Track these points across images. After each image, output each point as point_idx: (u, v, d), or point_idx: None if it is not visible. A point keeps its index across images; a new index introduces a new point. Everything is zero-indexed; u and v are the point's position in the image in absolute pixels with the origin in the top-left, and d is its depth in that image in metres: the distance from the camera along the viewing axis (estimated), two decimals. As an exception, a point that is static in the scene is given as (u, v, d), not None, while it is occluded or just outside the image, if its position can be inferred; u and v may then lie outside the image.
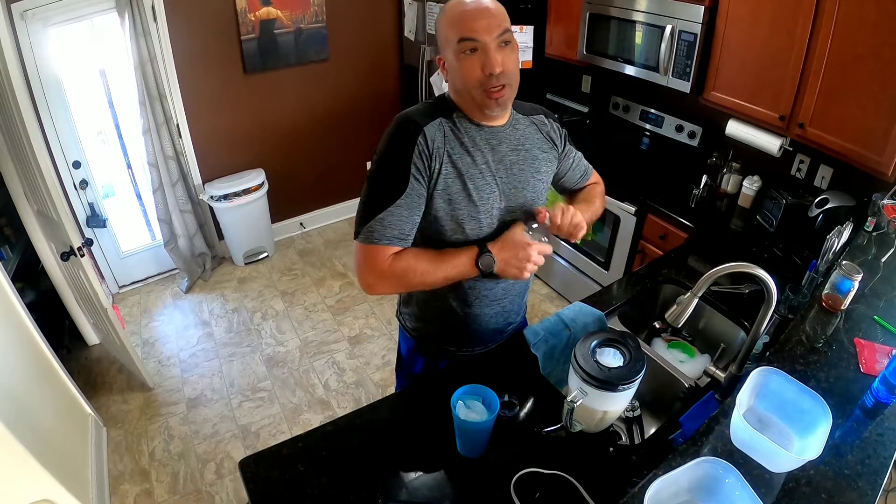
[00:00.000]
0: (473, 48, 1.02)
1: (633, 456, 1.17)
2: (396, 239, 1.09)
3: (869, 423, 1.07)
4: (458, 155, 1.10)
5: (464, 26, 1.02)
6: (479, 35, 1.01)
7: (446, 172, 1.09)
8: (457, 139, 1.11)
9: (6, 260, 2.41)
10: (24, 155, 2.00)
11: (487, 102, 1.06)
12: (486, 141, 1.14)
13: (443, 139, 1.09)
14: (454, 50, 1.04)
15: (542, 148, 1.23)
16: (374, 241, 1.09)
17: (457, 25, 1.03)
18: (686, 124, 2.64)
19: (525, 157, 1.19)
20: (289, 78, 3.33)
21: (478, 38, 1.01)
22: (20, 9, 2.43)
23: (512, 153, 1.17)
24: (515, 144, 1.18)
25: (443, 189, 1.10)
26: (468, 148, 1.11)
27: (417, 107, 1.15)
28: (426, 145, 1.07)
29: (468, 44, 1.02)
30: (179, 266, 3.32)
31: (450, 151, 1.09)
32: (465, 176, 1.11)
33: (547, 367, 1.35)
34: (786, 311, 1.57)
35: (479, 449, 1.14)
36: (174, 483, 2.17)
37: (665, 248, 2.35)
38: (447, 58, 1.08)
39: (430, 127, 1.08)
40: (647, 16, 2.34)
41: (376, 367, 2.75)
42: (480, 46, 1.02)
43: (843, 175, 2.13)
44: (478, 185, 1.12)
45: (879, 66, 1.69)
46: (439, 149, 1.08)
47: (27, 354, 1.96)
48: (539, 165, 1.22)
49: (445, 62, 1.10)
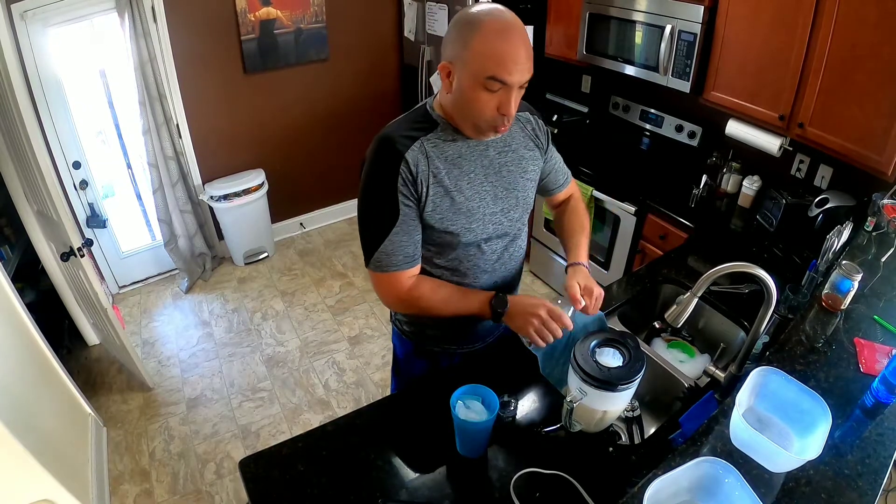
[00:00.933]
0: (498, 88, 0.98)
1: (633, 456, 1.17)
2: (404, 263, 1.12)
3: (869, 423, 1.07)
4: (444, 171, 1.09)
5: (499, 66, 0.95)
6: (510, 80, 0.97)
7: (433, 193, 1.09)
8: (441, 156, 1.09)
9: (6, 260, 2.42)
10: (24, 155, 2.00)
11: (488, 133, 1.07)
12: (474, 148, 1.13)
13: (426, 162, 1.07)
14: (476, 79, 0.98)
15: (527, 147, 1.22)
16: (385, 270, 1.13)
17: (491, 61, 0.96)
18: (686, 124, 2.64)
19: (512, 159, 1.19)
20: (289, 78, 3.33)
21: (508, 83, 0.97)
22: (20, 9, 2.43)
23: (499, 156, 1.17)
24: (502, 147, 1.17)
25: (432, 210, 1.10)
26: (454, 159, 1.11)
27: (398, 125, 1.11)
28: (409, 172, 1.05)
29: (496, 83, 0.97)
30: (179, 266, 3.33)
31: (434, 172, 1.08)
32: (454, 190, 1.10)
33: (546, 367, 1.35)
34: (786, 311, 1.57)
35: (478, 449, 1.14)
36: (174, 483, 2.17)
37: (665, 248, 2.35)
38: (460, 77, 1.00)
39: (410, 153, 1.05)
40: (647, 16, 2.34)
41: (376, 367, 2.75)
42: (505, 88, 0.98)
43: (843, 175, 2.13)
44: (467, 195, 1.12)
45: (879, 65, 1.69)
46: (423, 173, 1.07)
47: (27, 354, 1.96)
48: (526, 165, 1.21)
49: (455, 76, 1.02)
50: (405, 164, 1.05)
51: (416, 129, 1.09)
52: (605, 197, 2.58)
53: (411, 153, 1.06)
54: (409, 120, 1.12)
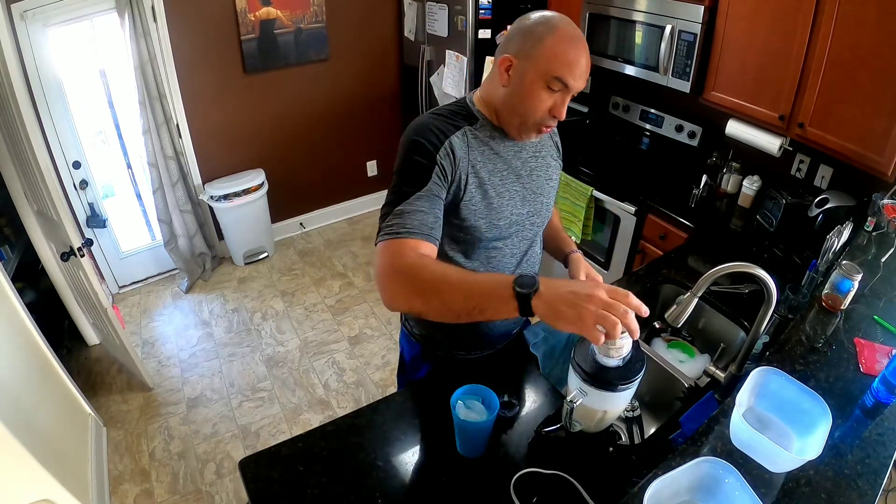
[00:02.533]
0: (560, 89, 1.01)
1: (633, 456, 1.17)
2: (417, 231, 0.95)
3: (869, 423, 1.07)
4: (481, 163, 1.10)
5: (569, 68, 0.99)
6: (574, 84, 1.00)
7: (471, 182, 1.08)
8: (481, 147, 1.10)
9: (6, 260, 2.41)
10: (24, 155, 2.00)
11: (531, 133, 1.09)
12: (510, 148, 1.15)
13: (466, 149, 1.07)
14: (541, 76, 1.00)
15: (553, 155, 1.27)
16: (394, 235, 0.95)
17: (562, 62, 0.98)
18: (686, 124, 2.64)
19: (541, 165, 1.22)
20: (289, 78, 3.33)
21: (570, 87, 1.01)
22: (20, 9, 2.43)
23: (532, 160, 1.20)
24: (535, 151, 1.20)
25: (468, 200, 1.09)
26: (490, 155, 1.12)
27: (438, 113, 1.11)
28: (451, 151, 1.04)
29: (559, 84, 1.00)
30: (179, 266, 3.33)
31: (473, 162, 1.08)
32: (488, 184, 1.11)
33: (547, 367, 1.35)
34: (786, 311, 1.57)
35: (478, 449, 1.14)
36: (174, 483, 2.17)
37: (665, 248, 2.35)
38: (523, 73, 1.01)
39: (455, 137, 1.06)
40: (647, 16, 2.34)
41: (376, 367, 2.75)
42: (564, 90, 1.01)
43: (843, 175, 2.13)
44: (499, 191, 1.13)
45: (879, 65, 1.69)
46: (464, 159, 1.06)
47: (27, 354, 1.96)
48: (551, 173, 1.25)
49: (516, 71, 1.02)
50: (449, 143, 1.04)
51: (460, 118, 1.10)
52: (605, 197, 2.58)
53: (455, 139, 1.06)
54: (450, 111, 1.12)
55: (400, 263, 0.93)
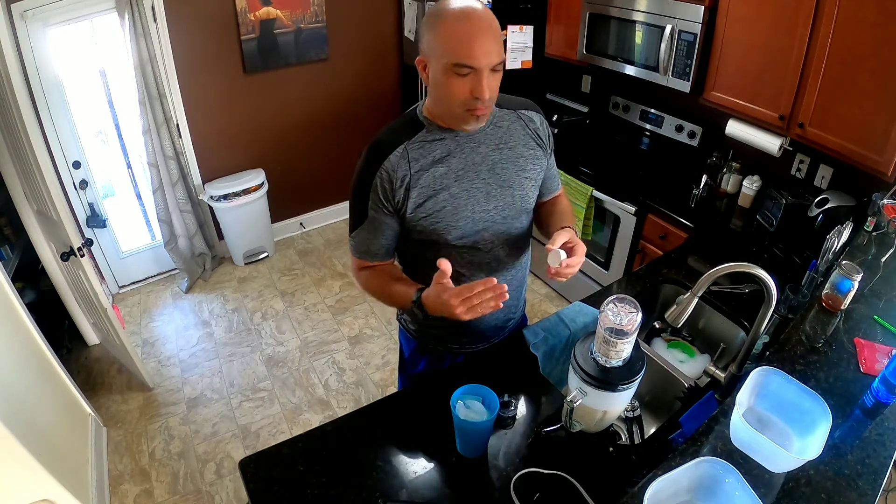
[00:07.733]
0: (467, 73, 0.99)
1: (633, 456, 1.17)
2: (365, 254, 1.22)
3: (869, 423, 1.07)
4: (427, 171, 1.11)
5: (462, 50, 0.97)
6: (477, 63, 0.97)
7: (416, 195, 1.11)
8: (426, 156, 1.11)
9: (6, 260, 2.41)
10: (24, 155, 2.00)
11: (467, 119, 1.07)
12: (463, 146, 1.13)
13: (407, 166, 1.10)
14: (444, 67, 0.99)
15: (527, 145, 1.21)
16: (352, 252, 1.25)
17: (454, 46, 0.97)
18: (686, 124, 2.64)
19: (509, 156, 1.18)
20: (289, 78, 3.33)
21: (475, 66, 0.98)
22: (20, 9, 2.42)
23: (494, 152, 1.16)
24: (497, 143, 1.17)
25: (413, 211, 1.13)
26: (441, 157, 1.11)
27: (386, 130, 1.15)
28: (386, 180, 1.10)
29: (465, 68, 0.98)
30: (179, 266, 3.32)
31: (416, 174, 1.10)
32: (440, 188, 1.11)
33: (547, 367, 1.35)
34: (786, 311, 1.57)
35: (478, 449, 1.14)
36: (174, 483, 2.17)
37: (665, 247, 2.35)
38: (433, 68, 1.03)
39: (388, 162, 1.09)
40: (647, 16, 2.34)
41: (376, 367, 2.75)
42: (474, 72, 0.99)
43: (843, 175, 2.13)
44: (453, 192, 1.13)
45: (879, 65, 1.69)
46: (403, 178, 1.10)
47: (27, 354, 1.96)
48: (524, 164, 1.20)
49: (429, 70, 1.04)
50: (382, 171, 1.10)
51: (402, 133, 1.12)
52: (605, 197, 2.58)
53: (389, 162, 1.10)
54: (396, 125, 1.15)
55: (354, 273, 1.30)
